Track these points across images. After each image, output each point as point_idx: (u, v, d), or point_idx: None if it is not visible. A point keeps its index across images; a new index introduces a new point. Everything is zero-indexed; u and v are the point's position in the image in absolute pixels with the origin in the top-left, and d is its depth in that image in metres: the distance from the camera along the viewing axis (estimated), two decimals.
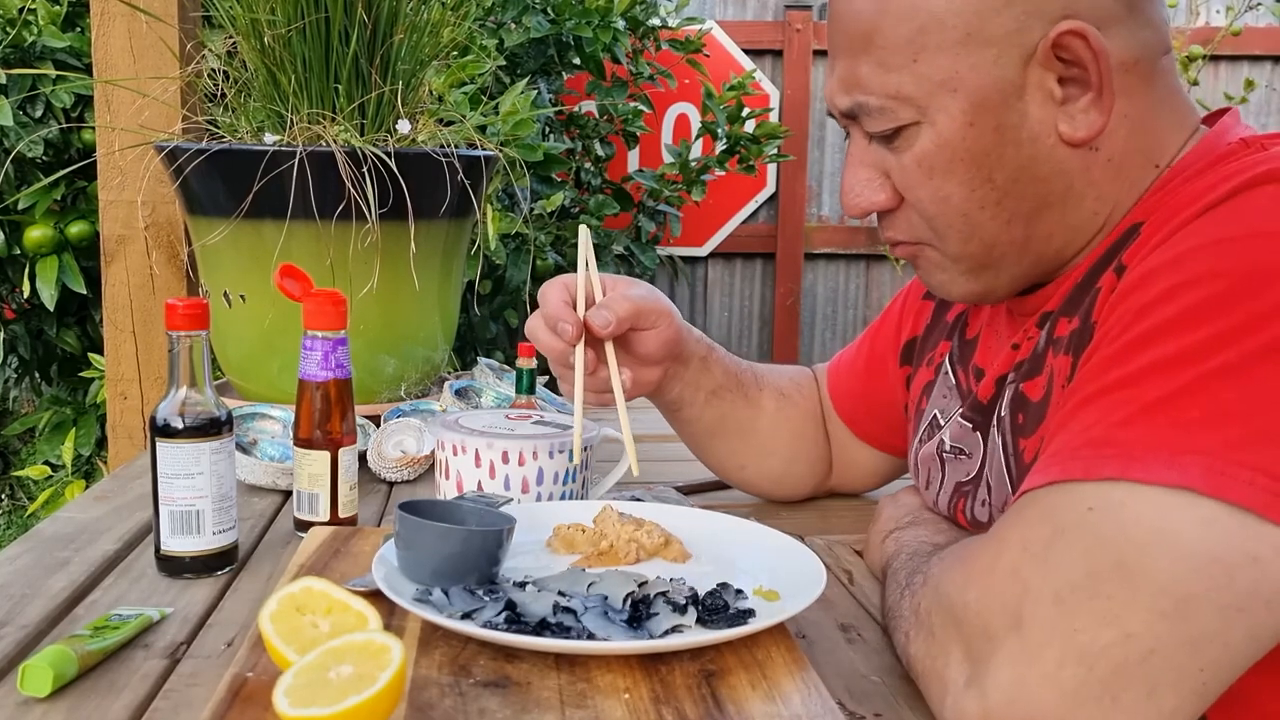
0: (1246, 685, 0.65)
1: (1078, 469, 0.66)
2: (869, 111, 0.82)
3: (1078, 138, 0.79)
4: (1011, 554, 0.67)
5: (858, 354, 1.18)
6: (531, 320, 1.03)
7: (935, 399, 1.02)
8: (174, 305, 0.94)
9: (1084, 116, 0.78)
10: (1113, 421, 0.66)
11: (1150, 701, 0.62)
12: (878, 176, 0.85)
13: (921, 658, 0.74)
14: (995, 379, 0.90)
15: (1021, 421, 0.85)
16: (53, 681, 0.74)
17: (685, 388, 1.10)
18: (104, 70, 1.65)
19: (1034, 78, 0.78)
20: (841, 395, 1.19)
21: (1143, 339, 0.67)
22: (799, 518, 1.19)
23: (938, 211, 0.83)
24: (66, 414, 2.73)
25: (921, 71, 0.79)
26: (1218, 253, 0.67)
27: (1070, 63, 0.77)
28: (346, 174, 1.29)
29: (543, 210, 2.68)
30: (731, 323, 4.23)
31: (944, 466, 0.97)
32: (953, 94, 0.78)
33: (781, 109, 4.06)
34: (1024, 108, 0.78)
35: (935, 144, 0.80)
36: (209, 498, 0.96)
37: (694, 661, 0.75)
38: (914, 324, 1.10)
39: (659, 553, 0.92)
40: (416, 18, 1.43)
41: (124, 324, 1.71)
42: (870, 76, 0.81)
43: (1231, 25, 3.55)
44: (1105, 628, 0.62)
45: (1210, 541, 0.61)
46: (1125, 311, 0.70)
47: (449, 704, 0.69)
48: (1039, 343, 0.85)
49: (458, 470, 1.09)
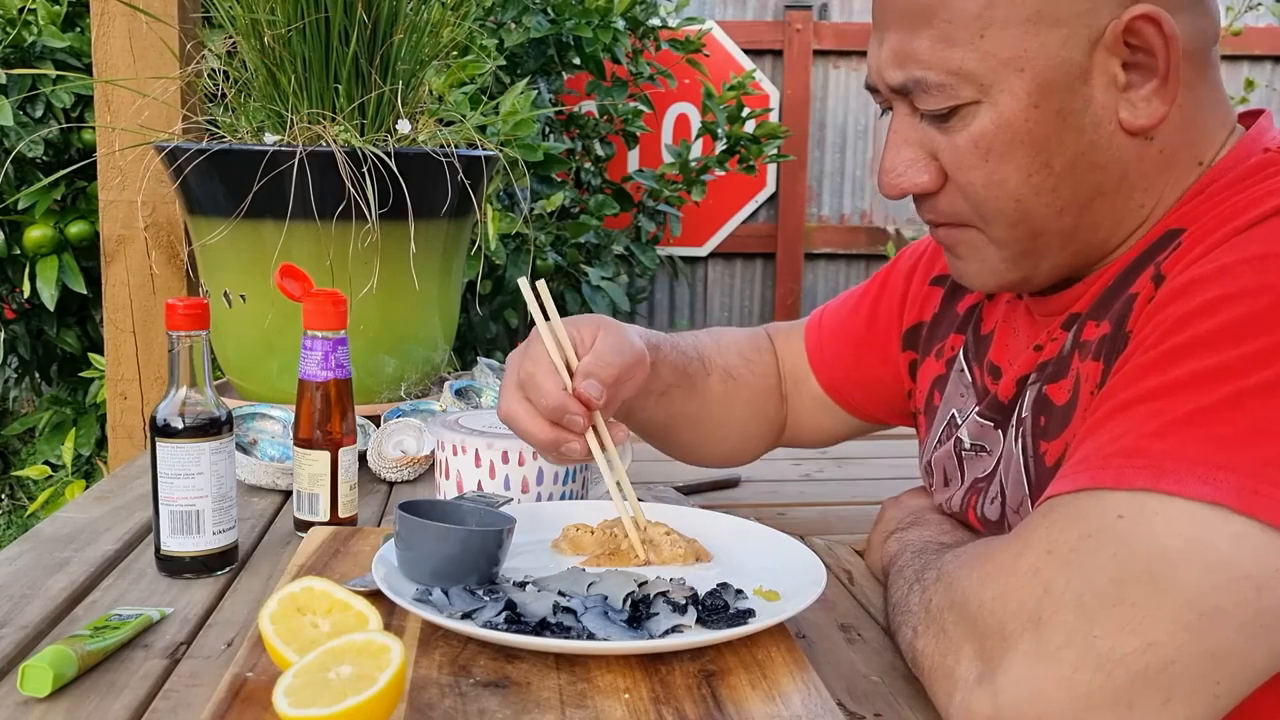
0: (1249, 698, 0.65)
1: (1108, 477, 0.65)
2: (926, 88, 0.78)
3: (1138, 125, 0.76)
4: (1034, 555, 0.67)
5: (849, 321, 1.13)
6: (513, 407, 0.92)
7: (951, 397, 0.99)
8: (174, 305, 0.94)
9: (1145, 105, 0.76)
10: (1146, 432, 0.65)
11: (1164, 711, 0.61)
12: (923, 157, 0.82)
13: (930, 653, 0.74)
14: (1016, 379, 0.88)
15: (1044, 424, 0.83)
16: (53, 681, 0.74)
17: (635, 396, 1.00)
18: (104, 70, 1.65)
19: (1100, 61, 0.75)
20: (825, 362, 1.14)
21: (1181, 350, 0.66)
22: (799, 518, 1.19)
23: (989, 195, 0.80)
24: (66, 414, 2.73)
25: (988, 48, 0.75)
26: (1263, 268, 0.66)
27: (1137, 49, 0.75)
28: (346, 174, 1.29)
29: (543, 210, 2.68)
30: (731, 323, 4.23)
31: (962, 464, 0.95)
32: (1019, 73, 0.75)
33: (781, 109, 4.06)
34: (1089, 92, 0.76)
35: (995, 125, 0.77)
36: (209, 498, 0.96)
37: (694, 661, 0.75)
38: (920, 309, 1.07)
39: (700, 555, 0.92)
40: (416, 18, 1.43)
41: (124, 324, 1.71)
42: (930, 51, 0.77)
43: (1231, 25, 3.55)
44: (1128, 635, 0.61)
45: (1240, 557, 0.60)
46: (1163, 320, 0.69)
47: (449, 704, 0.69)
48: (1065, 345, 0.83)
49: (458, 470, 1.09)
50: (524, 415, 0.92)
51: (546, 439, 0.91)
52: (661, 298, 4.17)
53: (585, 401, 0.90)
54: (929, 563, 0.82)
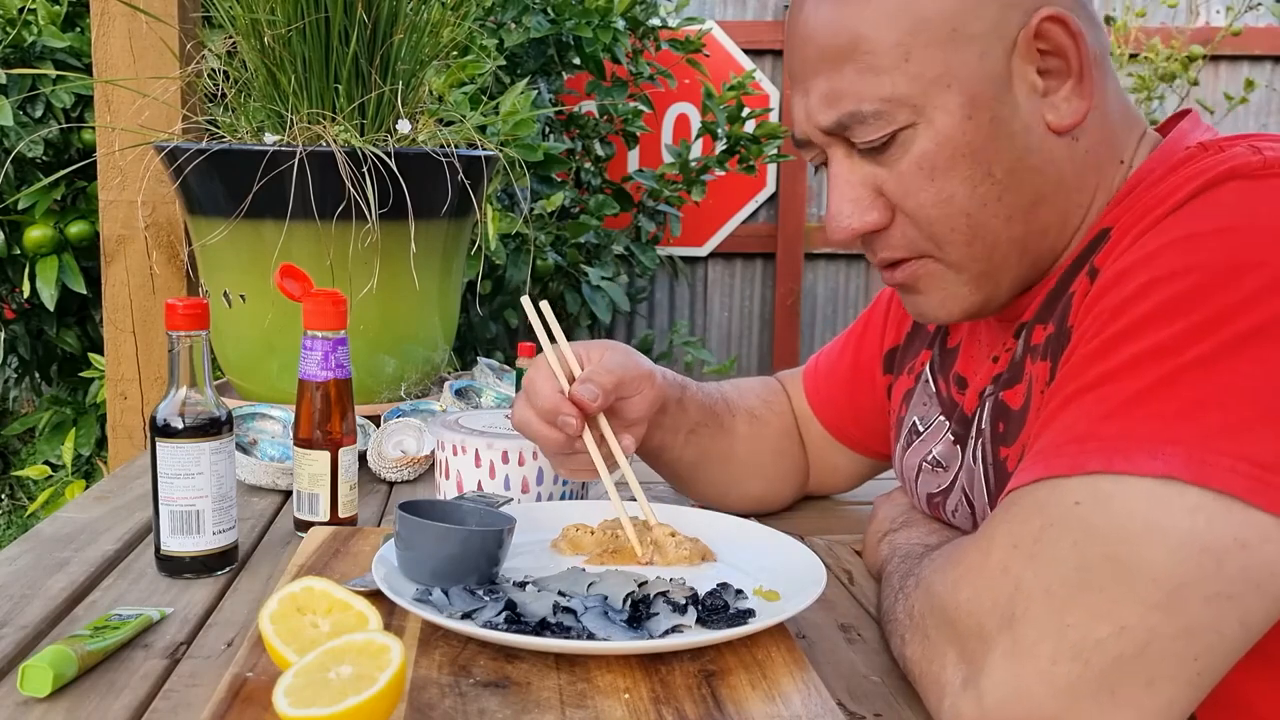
0: (1238, 687, 0.65)
1: (1062, 465, 0.66)
2: (862, 119, 0.80)
3: (1064, 125, 0.80)
4: (1000, 551, 0.68)
5: (840, 360, 1.17)
6: (521, 413, 0.97)
7: (915, 406, 1.02)
8: (174, 305, 0.94)
9: (1067, 105, 0.80)
10: (1094, 417, 0.67)
11: (1149, 693, 0.62)
12: (868, 194, 0.83)
13: (918, 660, 0.75)
14: (979, 392, 0.91)
15: (1002, 430, 0.85)
16: (53, 681, 0.74)
17: (665, 433, 1.07)
18: (104, 70, 1.65)
19: (1018, 68, 0.79)
20: (822, 402, 1.18)
21: (1119, 336, 0.68)
22: (799, 518, 1.19)
23: (940, 215, 0.81)
24: (66, 414, 2.73)
25: (914, 70, 0.78)
26: (1188, 248, 0.68)
27: (1048, 53, 0.79)
28: (346, 174, 1.29)
29: (543, 210, 2.68)
30: (731, 323, 4.23)
31: (918, 476, 0.98)
32: (948, 89, 0.78)
33: (781, 109, 4.06)
34: (1014, 99, 0.79)
35: (935, 143, 0.79)
36: (209, 498, 0.96)
37: (694, 661, 0.75)
38: (895, 333, 1.10)
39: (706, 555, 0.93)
40: (416, 18, 1.43)
41: (124, 324, 1.71)
42: (860, 83, 0.79)
43: (1231, 25, 3.55)
44: (1099, 621, 0.62)
45: (1198, 529, 0.61)
46: (1101, 311, 0.71)
47: (449, 704, 0.69)
48: (1016, 352, 0.85)
49: (458, 470, 1.09)
50: (530, 419, 0.97)
51: (545, 435, 0.96)
52: (661, 298, 4.17)
53: (580, 404, 0.94)
54: (910, 569, 0.83)
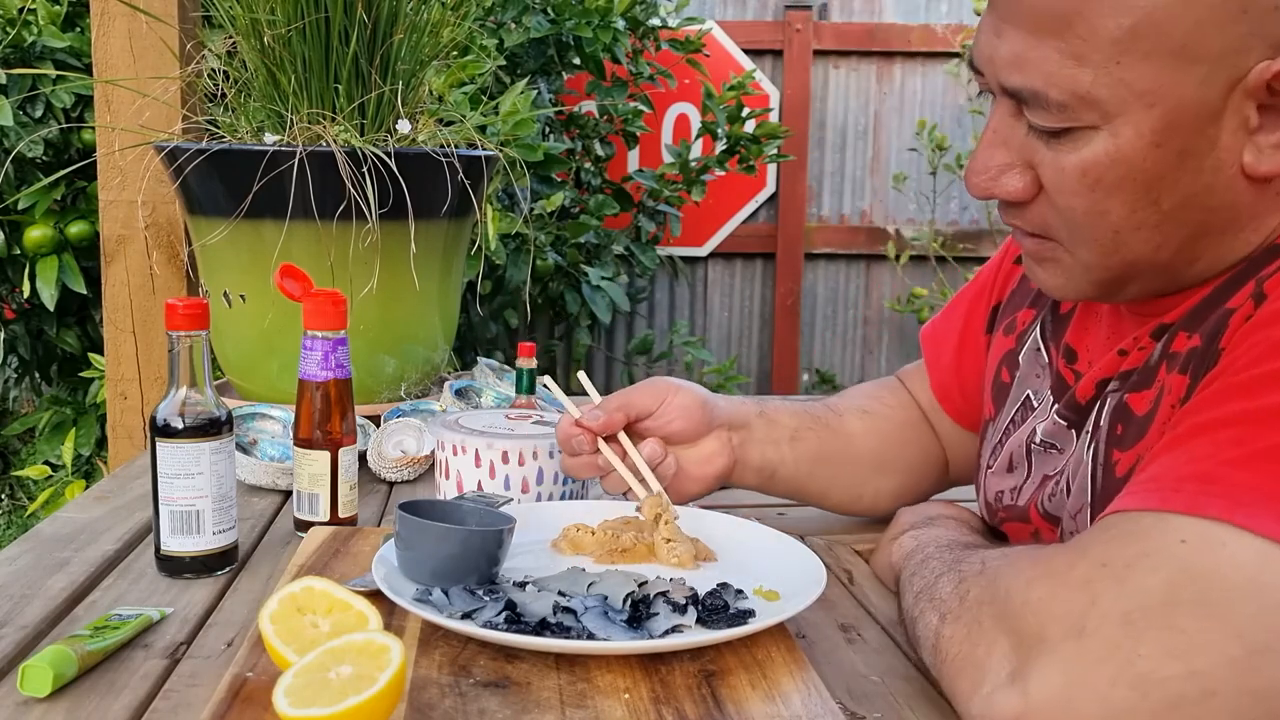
0: None
1: (1179, 502, 0.63)
2: (1045, 104, 0.72)
3: (1261, 172, 0.71)
4: (1088, 565, 0.65)
5: (949, 321, 1.11)
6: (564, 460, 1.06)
7: (1026, 376, 0.96)
8: (174, 305, 0.94)
9: (1273, 153, 0.71)
10: (1225, 458, 0.63)
11: None
12: (1019, 163, 0.76)
13: (959, 641, 0.71)
14: (1096, 381, 0.85)
15: (1120, 433, 0.80)
16: (53, 681, 0.74)
17: (764, 446, 1.06)
18: (104, 70, 1.65)
19: (1235, 103, 0.69)
20: (936, 366, 1.11)
21: (1272, 377, 0.64)
22: (799, 518, 1.19)
23: (1087, 223, 0.75)
24: (66, 414, 2.73)
25: (1121, 76, 0.69)
26: None
27: (1278, 93, 0.69)
28: (346, 174, 1.29)
29: (543, 210, 2.68)
30: (731, 323, 4.23)
31: (1031, 458, 0.93)
32: (1149, 109, 0.70)
33: (781, 109, 4.06)
34: (1215, 134, 0.70)
35: (1110, 157, 0.71)
36: (209, 498, 0.96)
37: (694, 661, 0.75)
38: (1002, 288, 1.04)
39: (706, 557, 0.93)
40: (416, 18, 1.43)
41: (124, 324, 1.71)
42: (1058, 65, 0.70)
43: None
44: (1172, 660, 0.60)
45: None
46: (1260, 341, 0.66)
47: (449, 704, 0.69)
48: (1152, 355, 0.79)
49: (458, 470, 1.09)
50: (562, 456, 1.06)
51: (570, 465, 1.05)
52: (661, 298, 4.17)
53: (584, 426, 1.02)
54: (963, 556, 0.80)
